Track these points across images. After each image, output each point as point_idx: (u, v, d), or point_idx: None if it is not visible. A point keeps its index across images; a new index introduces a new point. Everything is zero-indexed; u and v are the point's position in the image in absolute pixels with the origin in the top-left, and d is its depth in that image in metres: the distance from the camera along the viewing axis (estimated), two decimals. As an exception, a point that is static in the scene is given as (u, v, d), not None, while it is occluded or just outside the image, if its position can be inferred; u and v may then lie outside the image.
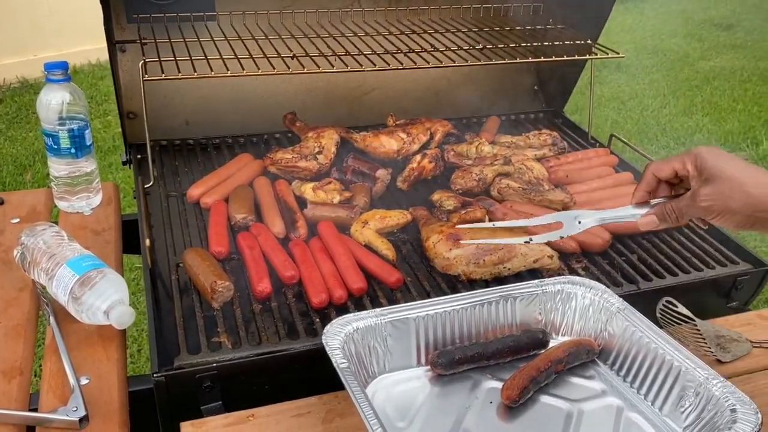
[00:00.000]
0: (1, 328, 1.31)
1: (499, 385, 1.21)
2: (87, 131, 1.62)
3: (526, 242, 1.24)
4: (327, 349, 1.13)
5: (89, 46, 5.76)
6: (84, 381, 1.18)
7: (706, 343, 1.33)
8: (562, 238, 1.20)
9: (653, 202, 1.15)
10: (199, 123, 1.96)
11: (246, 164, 1.76)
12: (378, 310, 1.23)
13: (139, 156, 1.83)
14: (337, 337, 1.16)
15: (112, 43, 1.70)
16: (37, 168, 4.41)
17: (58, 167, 1.63)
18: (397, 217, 1.55)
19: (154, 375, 1.13)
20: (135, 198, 1.69)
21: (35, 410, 1.14)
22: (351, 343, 1.18)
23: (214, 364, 1.16)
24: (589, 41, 1.93)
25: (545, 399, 1.20)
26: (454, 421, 1.14)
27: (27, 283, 1.41)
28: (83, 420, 1.10)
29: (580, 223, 1.18)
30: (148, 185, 1.62)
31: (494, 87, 2.21)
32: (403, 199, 1.73)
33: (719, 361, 1.29)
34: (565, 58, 1.81)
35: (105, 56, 5.96)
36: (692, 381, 1.13)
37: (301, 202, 1.64)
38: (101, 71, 5.81)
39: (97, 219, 1.66)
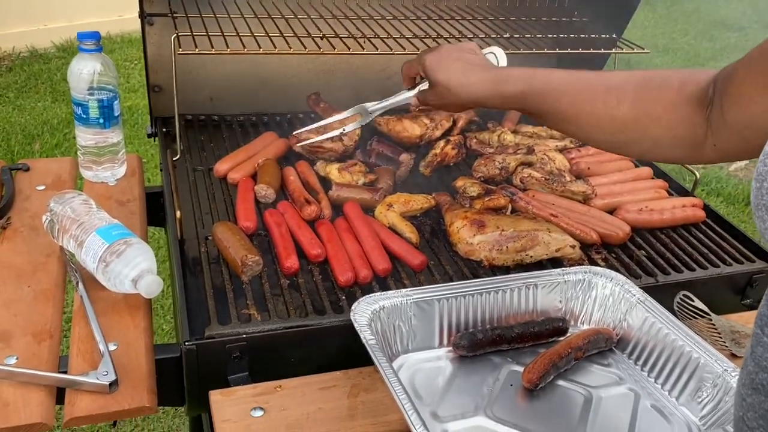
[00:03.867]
0: (30, 292, 1.32)
1: (519, 368, 1.24)
2: (116, 102, 1.63)
3: (341, 133, 1.50)
4: (356, 325, 1.15)
5: (99, 18, 5.74)
6: (112, 347, 1.20)
7: (721, 337, 1.36)
8: (361, 126, 1.49)
9: (420, 87, 1.34)
10: (223, 99, 1.97)
11: (271, 142, 1.77)
12: (404, 290, 1.26)
13: (164, 129, 1.84)
14: (365, 314, 1.19)
15: (142, 16, 1.71)
16: (45, 138, 4.41)
17: (85, 137, 1.64)
18: (421, 202, 1.57)
19: (185, 343, 1.15)
20: (161, 170, 1.71)
21: (65, 373, 1.16)
22: (378, 321, 1.20)
23: (244, 336, 1.18)
24: (614, 35, 1.94)
25: (564, 384, 1.23)
26: (476, 401, 1.17)
27: (54, 249, 1.43)
28: (113, 384, 1.12)
29: (370, 112, 1.45)
30: (175, 158, 1.63)
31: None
32: (424, 184, 1.75)
33: (734, 356, 1.32)
34: (591, 51, 1.82)
35: (114, 29, 5.98)
36: (710, 372, 1.16)
37: (324, 183, 1.66)
38: (111, 44, 5.79)
39: (122, 190, 1.67)
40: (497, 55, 1.38)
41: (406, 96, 1.37)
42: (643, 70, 1.14)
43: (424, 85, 1.33)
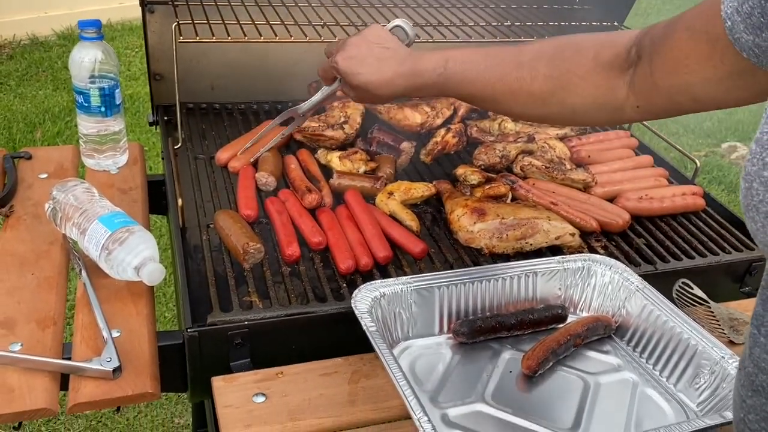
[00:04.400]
0: (34, 279, 1.33)
1: (518, 355, 1.25)
2: (117, 90, 1.63)
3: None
4: (356, 312, 1.16)
5: (99, 6, 5.73)
6: (115, 334, 1.21)
7: (719, 324, 1.37)
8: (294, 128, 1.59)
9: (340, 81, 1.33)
10: (224, 88, 1.97)
11: (272, 131, 1.77)
12: (405, 278, 1.27)
13: (165, 117, 1.84)
14: (366, 301, 1.20)
15: (143, 3, 1.71)
16: (47, 127, 4.41)
17: (87, 125, 1.64)
18: (421, 190, 1.58)
19: (188, 330, 1.16)
20: (163, 159, 1.71)
21: (68, 359, 1.17)
22: (378, 308, 1.21)
23: (246, 323, 1.19)
24: (615, 23, 1.93)
25: (563, 371, 1.24)
26: (476, 387, 1.18)
27: (57, 236, 1.44)
28: (116, 370, 1.13)
29: (302, 114, 1.56)
30: (176, 147, 1.64)
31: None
32: (425, 172, 1.76)
33: (732, 343, 1.33)
34: (594, 23, 1.81)
35: (115, 16, 5.96)
36: (708, 359, 1.17)
37: (325, 171, 1.67)
38: (111, 32, 5.78)
39: (124, 178, 1.68)
40: (404, 28, 1.33)
41: (329, 91, 1.40)
42: (557, 38, 1.13)
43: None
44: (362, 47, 1.24)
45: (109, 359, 1.14)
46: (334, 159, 1.67)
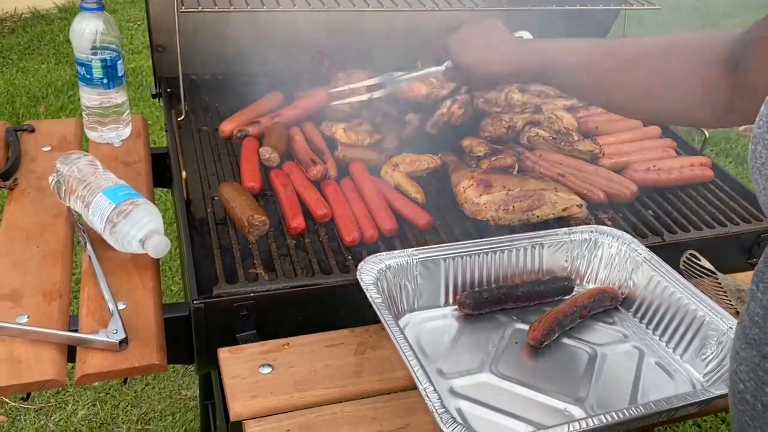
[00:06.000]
0: (39, 252, 1.33)
1: (524, 326, 1.25)
2: (119, 62, 1.62)
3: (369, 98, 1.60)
4: (362, 284, 1.16)
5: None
6: (121, 306, 1.21)
7: (727, 296, 1.36)
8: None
9: (447, 65, 1.42)
10: (227, 59, 1.95)
11: (276, 102, 1.76)
12: (410, 250, 1.26)
13: (168, 90, 1.82)
14: (371, 273, 1.20)
15: (144, -27, 1.68)
16: (50, 101, 4.39)
17: (89, 97, 1.63)
18: (427, 161, 1.56)
19: (194, 302, 1.16)
20: (166, 131, 1.70)
21: (75, 331, 1.18)
22: (384, 280, 1.21)
23: (252, 294, 1.19)
24: (622, 6, 1.90)
25: (569, 342, 1.24)
26: (481, 358, 1.18)
27: (62, 209, 1.44)
28: (123, 342, 1.13)
29: (398, 81, 1.57)
30: (180, 119, 1.62)
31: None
32: (430, 144, 1.74)
33: (739, 314, 1.32)
34: (600, 7, 1.78)
35: (117, -11, 5.86)
36: (715, 330, 1.16)
37: (330, 143, 1.65)
38: (113, 5, 5.72)
39: (128, 151, 1.67)
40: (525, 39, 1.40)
41: (434, 71, 1.45)
42: (660, 36, 1.13)
43: (450, 63, 1.39)
44: (476, 33, 1.32)
45: (115, 331, 1.14)
46: (339, 131, 1.66)
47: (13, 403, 2.46)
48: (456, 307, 1.28)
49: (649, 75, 1.08)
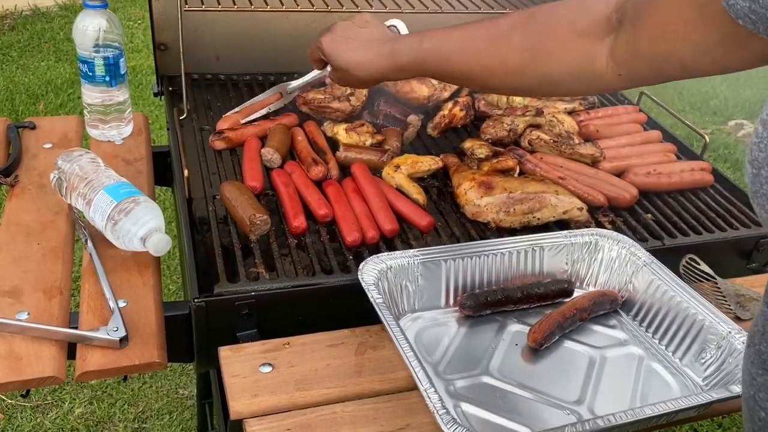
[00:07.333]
0: (40, 249, 1.33)
1: (524, 329, 1.25)
2: (121, 60, 1.62)
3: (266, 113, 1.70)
4: (363, 284, 1.16)
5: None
6: (121, 304, 1.21)
7: (726, 300, 1.37)
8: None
9: (329, 67, 1.37)
10: (229, 58, 1.95)
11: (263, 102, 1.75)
12: (411, 251, 1.26)
13: (170, 88, 1.82)
14: (372, 273, 1.20)
15: (147, -29, 1.68)
16: (50, 98, 4.39)
17: (91, 95, 1.63)
18: (428, 163, 1.57)
19: (195, 300, 1.16)
20: (168, 130, 1.70)
21: (75, 328, 1.17)
22: (385, 280, 1.21)
23: (253, 293, 1.19)
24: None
25: (569, 344, 1.24)
26: (481, 360, 1.18)
27: (63, 206, 1.43)
28: (123, 340, 1.13)
29: (290, 92, 1.63)
30: (182, 117, 1.62)
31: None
32: (431, 146, 1.75)
33: (738, 318, 1.32)
34: None
35: (117, -13, 5.87)
36: (715, 334, 1.17)
37: (331, 144, 1.65)
38: (114, 3, 5.72)
39: (129, 149, 1.67)
40: (399, 28, 1.39)
41: (320, 74, 1.49)
42: (531, 8, 1.10)
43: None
44: (349, 30, 1.28)
45: (115, 329, 1.14)
46: (341, 131, 1.66)
47: (10, 401, 2.46)
48: (456, 308, 1.28)
49: (515, 54, 1.05)
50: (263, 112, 1.68)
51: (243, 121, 1.65)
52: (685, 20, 0.84)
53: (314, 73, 1.50)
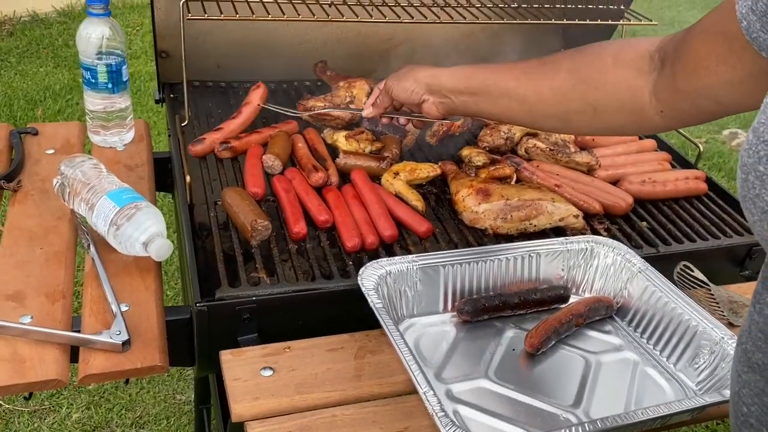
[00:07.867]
0: (42, 253, 1.35)
1: (521, 334, 1.27)
2: (124, 67, 1.64)
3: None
4: (363, 289, 1.18)
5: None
6: (124, 308, 1.23)
7: (719, 306, 1.39)
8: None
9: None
10: (230, 66, 1.97)
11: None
12: (410, 256, 1.28)
13: (172, 95, 1.84)
14: (372, 279, 1.22)
15: (149, -20, 1.70)
16: (48, 104, 4.40)
17: (94, 101, 1.65)
18: (427, 170, 1.59)
19: (197, 304, 1.18)
20: (169, 136, 1.72)
21: (78, 332, 1.19)
22: (384, 285, 1.23)
23: (254, 298, 1.21)
24: (621, 6, 1.93)
25: (565, 350, 1.26)
26: (479, 364, 1.20)
27: (65, 211, 1.45)
28: (126, 343, 1.15)
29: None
30: (183, 124, 1.64)
31: (521, 48, 2.22)
32: (430, 153, 1.77)
33: (731, 324, 1.35)
34: (598, 21, 1.82)
35: (116, -5, 5.89)
36: (708, 339, 1.19)
37: (331, 151, 1.67)
38: (113, 10, 5.73)
39: (130, 155, 1.69)
40: None
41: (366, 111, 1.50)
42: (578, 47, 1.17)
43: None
44: (409, 68, 1.36)
45: (118, 332, 1.16)
46: (340, 139, 1.68)
47: (7, 406, 2.46)
48: (455, 313, 1.30)
49: (562, 75, 1.11)
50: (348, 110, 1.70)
51: (327, 110, 1.69)
52: (716, 55, 0.89)
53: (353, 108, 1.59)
